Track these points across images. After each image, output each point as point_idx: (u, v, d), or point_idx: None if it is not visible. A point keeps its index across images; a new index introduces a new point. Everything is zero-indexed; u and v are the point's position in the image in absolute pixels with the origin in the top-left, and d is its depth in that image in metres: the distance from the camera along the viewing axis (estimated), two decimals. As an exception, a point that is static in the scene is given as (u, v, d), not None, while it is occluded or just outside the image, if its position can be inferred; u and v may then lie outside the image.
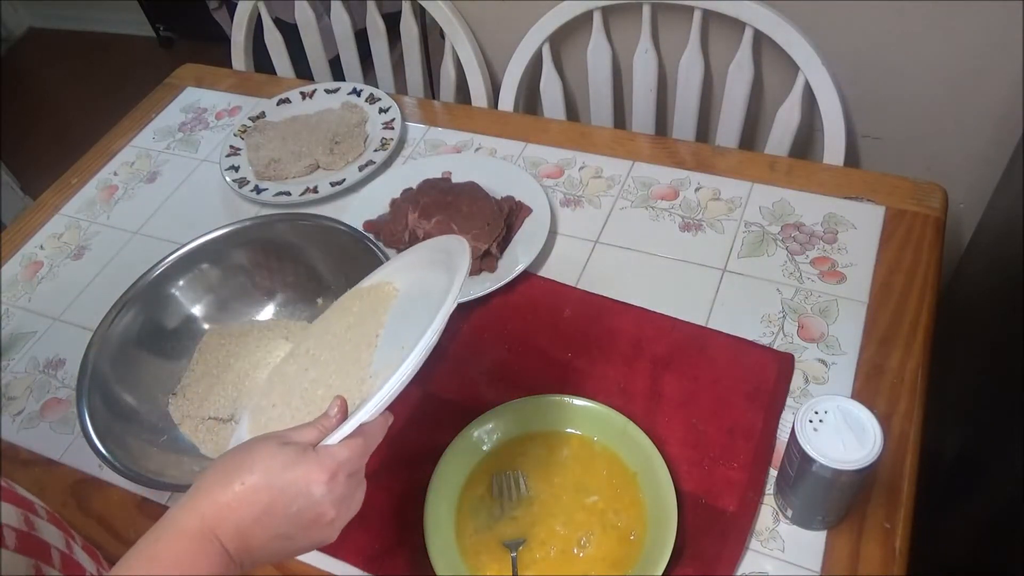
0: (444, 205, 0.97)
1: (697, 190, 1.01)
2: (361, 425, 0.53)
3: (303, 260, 0.95)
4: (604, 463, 0.76)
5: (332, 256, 0.93)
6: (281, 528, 0.49)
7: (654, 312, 0.89)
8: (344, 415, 0.55)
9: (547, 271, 0.96)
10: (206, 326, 0.93)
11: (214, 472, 0.49)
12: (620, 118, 1.38)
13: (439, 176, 1.07)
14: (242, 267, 0.95)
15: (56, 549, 0.53)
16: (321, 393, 0.64)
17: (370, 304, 0.71)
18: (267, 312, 0.95)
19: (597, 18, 1.22)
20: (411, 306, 0.68)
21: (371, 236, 0.95)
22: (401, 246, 0.99)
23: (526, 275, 0.94)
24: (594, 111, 1.35)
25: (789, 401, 0.79)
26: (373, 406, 0.53)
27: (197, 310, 0.93)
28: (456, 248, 0.67)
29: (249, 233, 0.94)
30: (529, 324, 0.90)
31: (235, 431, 0.69)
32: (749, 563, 0.69)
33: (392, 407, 0.58)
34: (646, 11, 1.19)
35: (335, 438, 0.52)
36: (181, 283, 0.93)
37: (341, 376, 0.64)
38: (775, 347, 0.84)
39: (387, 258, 0.84)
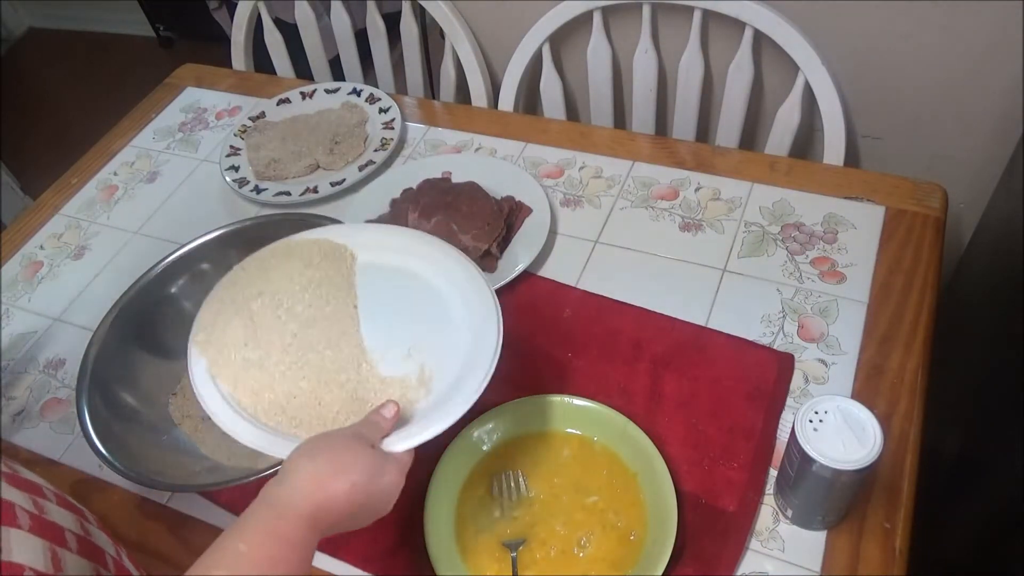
0: (444, 205, 0.97)
1: (697, 190, 1.01)
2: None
3: (303, 260, 0.94)
4: (604, 463, 0.76)
5: (332, 256, 0.93)
6: (360, 518, 0.57)
7: (654, 312, 0.89)
8: (396, 419, 0.61)
9: (547, 271, 0.96)
10: (206, 326, 0.93)
11: (311, 474, 0.53)
12: (620, 118, 1.38)
13: (439, 176, 1.07)
14: (242, 267, 0.94)
15: (70, 532, 0.54)
16: (312, 359, 0.66)
17: (331, 263, 0.73)
18: (267, 312, 0.95)
19: (597, 18, 1.22)
20: (384, 283, 0.71)
21: (371, 236, 0.94)
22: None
23: (526, 275, 0.94)
24: (594, 111, 1.35)
25: (789, 401, 0.79)
26: (437, 430, 0.61)
27: (197, 310, 0.93)
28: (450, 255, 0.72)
29: (249, 233, 0.94)
30: (529, 324, 0.90)
31: (190, 364, 0.68)
32: (749, 563, 0.69)
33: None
34: (646, 11, 1.19)
35: (403, 446, 0.60)
36: (181, 283, 0.93)
37: (333, 348, 0.67)
38: (775, 347, 0.84)
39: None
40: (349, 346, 0.67)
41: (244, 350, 0.67)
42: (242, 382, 0.66)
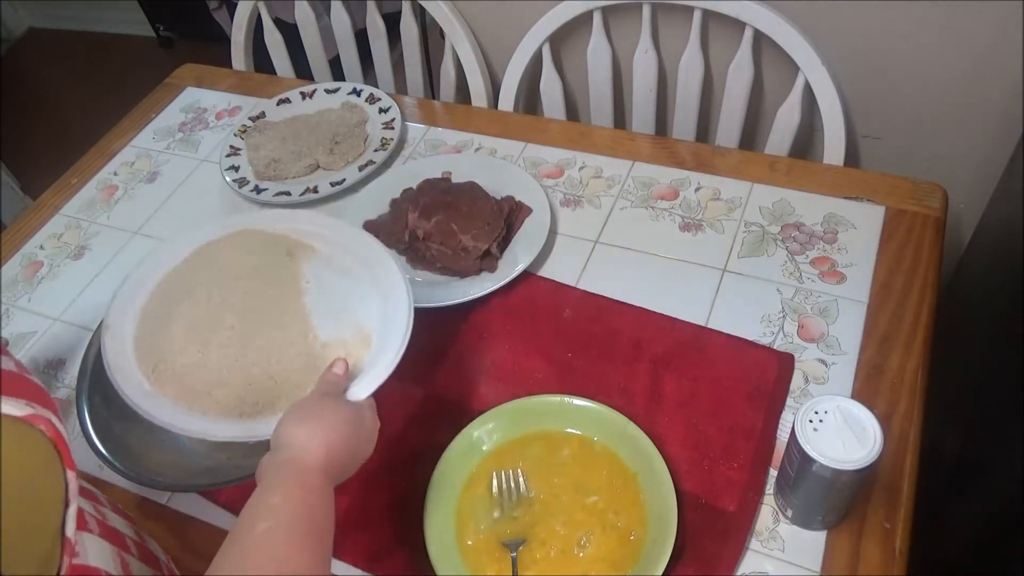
0: (444, 205, 0.97)
1: (697, 190, 1.01)
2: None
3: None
4: (604, 463, 0.76)
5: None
6: (356, 461, 0.62)
7: (654, 312, 0.89)
8: (347, 374, 0.67)
9: (547, 271, 0.96)
10: (206, 326, 0.93)
11: (308, 436, 0.58)
12: (620, 118, 1.38)
13: (439, 176, 1.07)
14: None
15: (130, 538, 0.56)
16: (259, 343, 0.71)
17: (266, 251, 0.77)
18: (267, 312, 0.95)
19: (597, 18, 1.22)
20: (308, 264, 0.76)
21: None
22: (401, 246, 0.99)
23: (526, 275, 0.94)
24: (594, 111, 1.35)
25: (789, 401, 0.79)
26: (384, 372, 0.67)
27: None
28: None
29: (249, 233, 0.94)
30: (529, 324, 0.90)
31: (121, 388, 0.69)
32: (749, 563, 0.69)
33: (392, 407, 0.60)
34: (646, 11, 1.19)
35: (365, 392, 0.66)
36: (181, 283, 0.93)
37: (279, 327, 0.72)
38: (775, 347, 0.84)
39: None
40: (294, 322, 0.72)
41: (181, 356, 0.70)
42: (189, 387, 0.69)
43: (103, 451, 0.77)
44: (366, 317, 0.74)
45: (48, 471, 0.43)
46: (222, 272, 0.75)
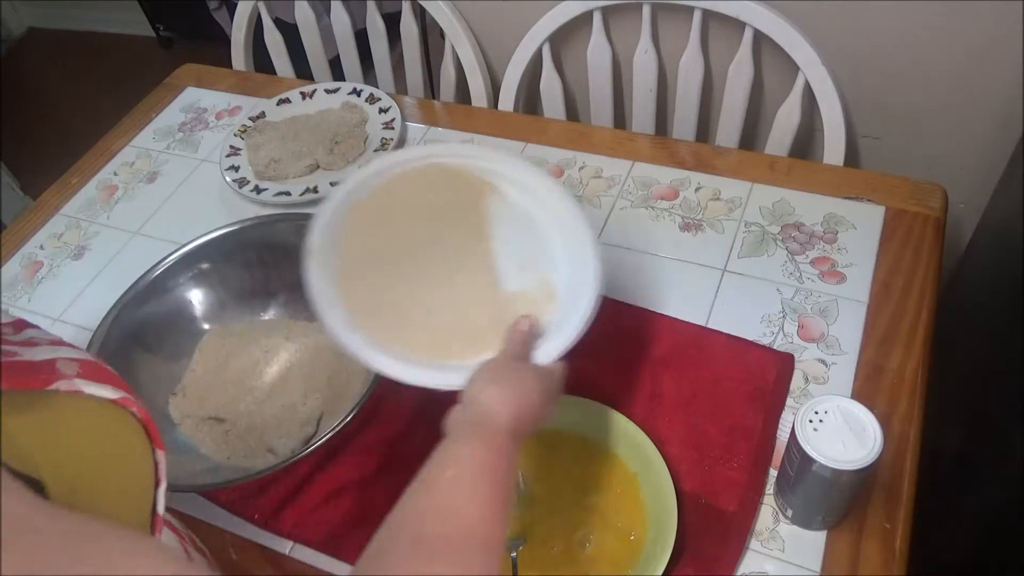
0: (444, 205, 0.97)
1: (697, 190, 1.01)
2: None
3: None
4: (604, 463, 0.76)
5: (332, 256, 0.93)
6: (541, 421, 0.62)
7: (654, 312, 0.89)
8: (532, 331, 0.68)
9: (547, 271, 0.96)
10: (206, 326, 0.93)
11: (501, 398, 0.59)
12: (620, 118, 1.38)
13: (439, 176, 1.07)
14: (242, 267, 0.95)
15: (174, 524, 0.58)
16: (448, 292, 0.70)
17: (459, 191, 0.74)
18: (267, 312, 0.95)
19: (597, 18, 1.22)
20: (500, 212, 0.73)
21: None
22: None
23: (526, 275, 0.94)
24: (594, 111, 1.35)
25: (789, 401, 0.79)
26: (573, 335, 0.67)
27: (197, 310, 0.93)
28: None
29: (249, 233, 0.94)
30: (529, 324, 0.90)
31: (325, 320, 0.67)
32: (749, 563, 0.70)
33: (391, 407, 0.60)
34: (646, 11, 1.19)
35: (551, 357, 0.66)
36: (181, 283, 0.93)
37: (465, 273, 0.71)
38: (775, 347, 0.84)
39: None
40: (481, 270, 0.71)
41: (377, 295, 0.70)
42: (386, 325, 0.69)
43: (103, 451, 0.77)
44: (551, 270, 0.72)
45: (142, 451, 0.46)
46: (414, 210, 0.73)
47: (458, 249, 0.72)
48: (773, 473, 0.74)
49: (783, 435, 0.77)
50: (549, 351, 0.67)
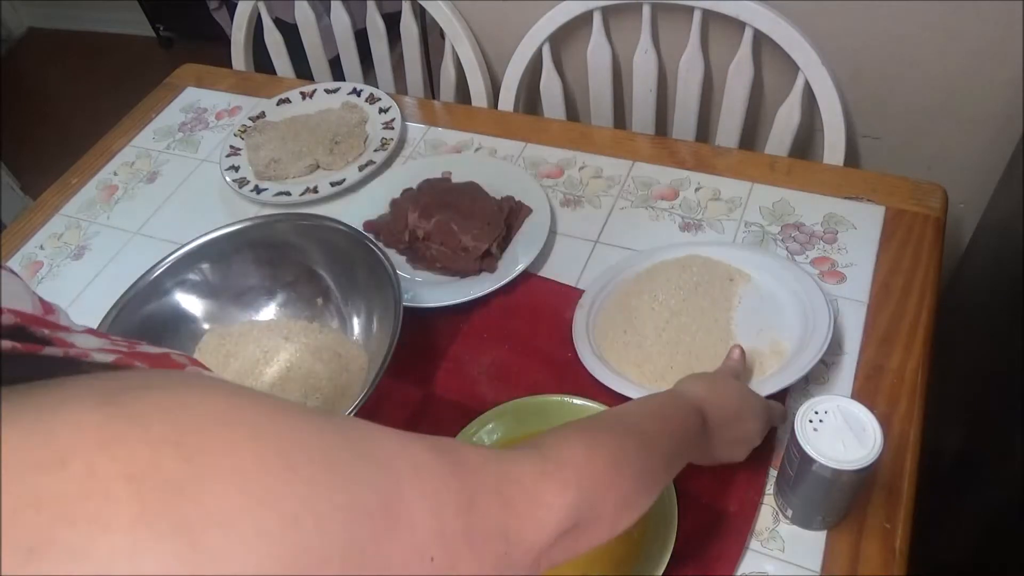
0: (444, 205, 0.97)
1: (697, 190, 1.01)
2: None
3: (303, 260, 0.94)
4: (604, 463, 0.76)
5: (332, 256, 0.93)
6: (735, 432, 0.67)
7: (654, 312, 0.89)
8: (742, 359, 0.77)
9: (547, 271, 0.96)
10: (206, 326, 0.93)
11: (700, 381, 0.67)
12: (620, 118, 1.38)
13: (439, 176, 1.07)
14: (242, 267, 0.94)
15: None
16: (685, 339, 0.82)
17: (708, 273, 0.88)
18: (267, 312, 0.95)
19: (597, 18, 1.22)
20: (749, 294, 0.86)
21: (371, 236, 0.94)
22: (401, 246, 0.99)
23: (526, 275, 0.94)
24: (594, 111, 1.35)
25: (789, 401, 0.79)
26: (785, 381, 0.75)
27: (197, 310, 0.93)
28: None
29: (249, 233, 0.94)
30: (529, 324, 0.90)
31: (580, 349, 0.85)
32: (749, 563, 0.69)
33: (392, 407, 0.59)
34: (646, 11, 1.19)
35: (761, 390, 0.73)
36: (181, 283, 0.93)
37: (704, 332, 0.83)
38: (775, 347, 0.83)
39: (386, 258, 0.84)
40: (720, 331, 0.83)
41: (624, 336, 0.84)
42: (624, 358, 0.83)
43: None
44: (786, 338, 0.81)
45: None
46: (669, 283, 0.87)
47: (704, 315, 0.84)
48: (773, 473, 0.74)
49: (783, 435, 0.76)
50: (763, 385, 0.75)
